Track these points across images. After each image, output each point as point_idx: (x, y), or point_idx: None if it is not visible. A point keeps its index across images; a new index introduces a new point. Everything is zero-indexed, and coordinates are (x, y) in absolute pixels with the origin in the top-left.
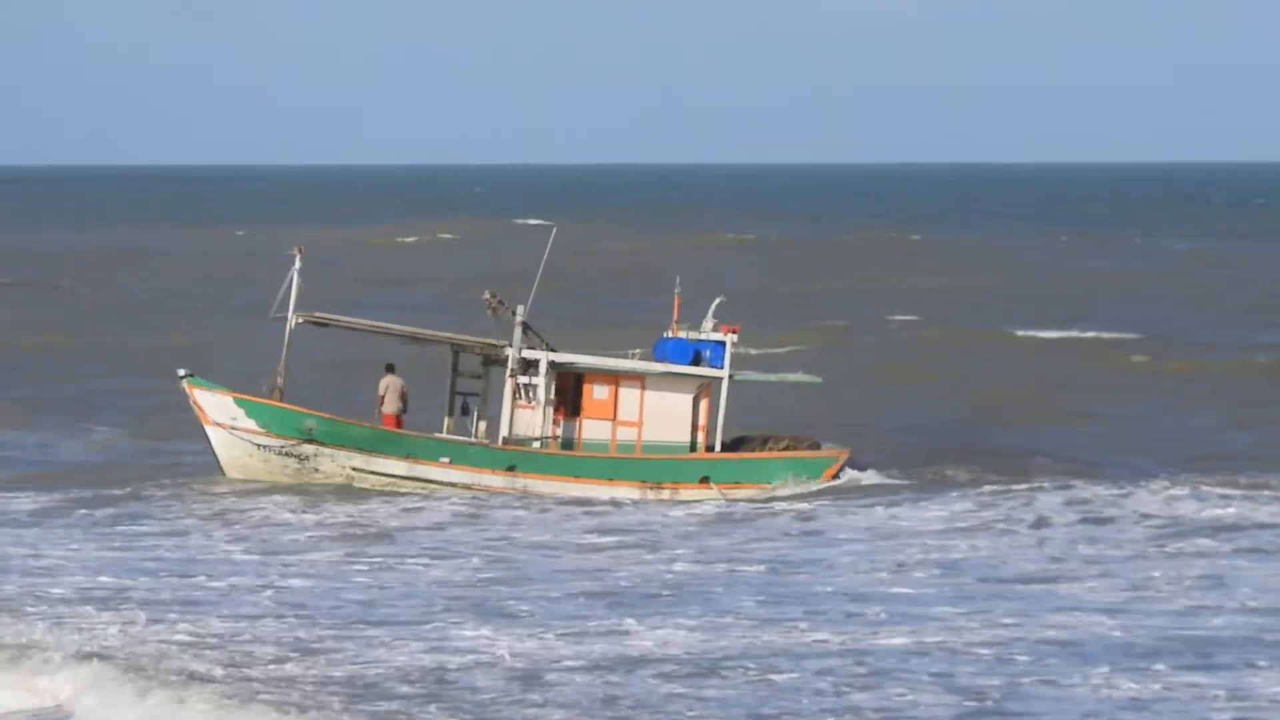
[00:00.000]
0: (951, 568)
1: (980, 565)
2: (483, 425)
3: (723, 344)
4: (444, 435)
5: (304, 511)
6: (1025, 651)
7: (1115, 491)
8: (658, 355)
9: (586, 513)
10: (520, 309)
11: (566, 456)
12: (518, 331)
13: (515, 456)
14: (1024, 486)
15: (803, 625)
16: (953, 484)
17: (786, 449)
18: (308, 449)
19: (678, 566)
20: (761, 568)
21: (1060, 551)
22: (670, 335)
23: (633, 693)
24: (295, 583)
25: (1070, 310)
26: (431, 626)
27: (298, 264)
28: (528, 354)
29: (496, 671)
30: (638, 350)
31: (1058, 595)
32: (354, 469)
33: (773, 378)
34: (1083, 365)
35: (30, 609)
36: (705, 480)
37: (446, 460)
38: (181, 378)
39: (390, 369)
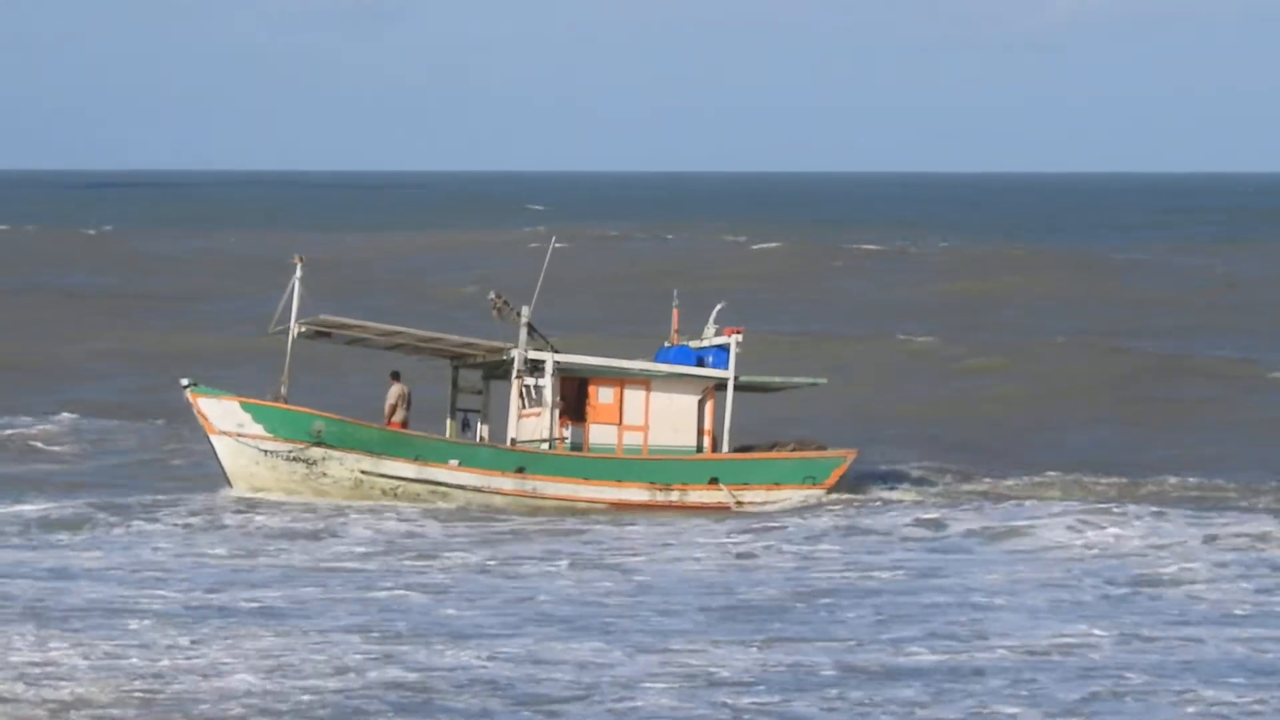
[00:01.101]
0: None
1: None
2: (485, 429)
3: (726, 347)
4: (453, 438)
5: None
6: None
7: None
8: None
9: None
10: (525, 309)
11: (576, 458)
12: (523, 332)
13: (524, 458)
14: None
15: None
16: None
17: (794, 452)
18: (316, 452)
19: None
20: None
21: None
22: (670, 344)
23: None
24: None
25: None
26: None
27: (299, 273)
28: (533, 355)
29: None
30: (640, 360)
31: None
32: (363, 472)
33: (778, 380)
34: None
35: None
36: (714, 481)
37: (455, 462)
38: (185, 387)
39: (396, 376)
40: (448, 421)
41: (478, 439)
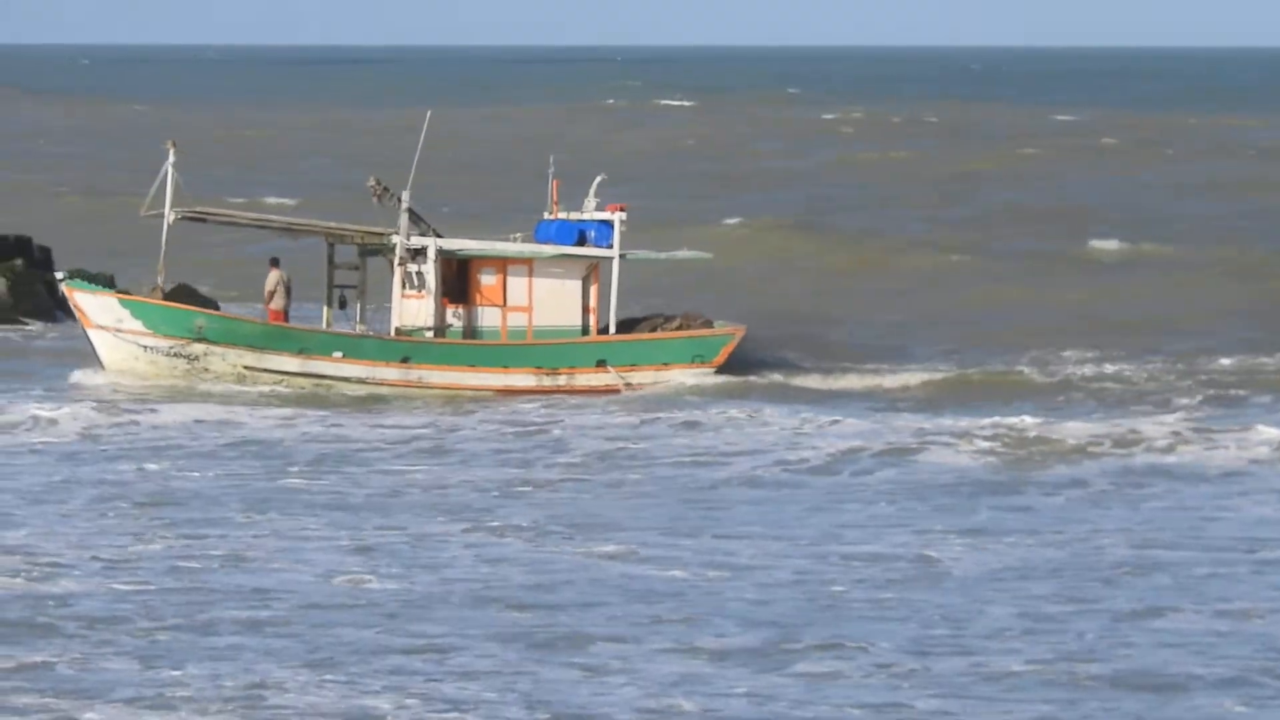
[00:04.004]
0: None
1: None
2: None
3: (610, 223)
4: (336, 329)
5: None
6: None
7: None
8: (540, 239)
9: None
10: (405, 194)
11: (461, 345)
12: (404, 218)
13: (409, 348)
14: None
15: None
16: None
17: (680, 330)
18: (197, 348)
19: None
20: None
21: None
22: (550, 217)
23: None
24: None
25: None
26: None
27: (171, 158)
28: (415, 241)
29: None
30: (519, 235)
31: None
32: (245, 367)
33: (663, 256)
34: None
35: None
36: (602, 364)
37: (340, 355)
38: (61, 280)
39: (275, 263)
40: (324, 302)
41: (355, 318)
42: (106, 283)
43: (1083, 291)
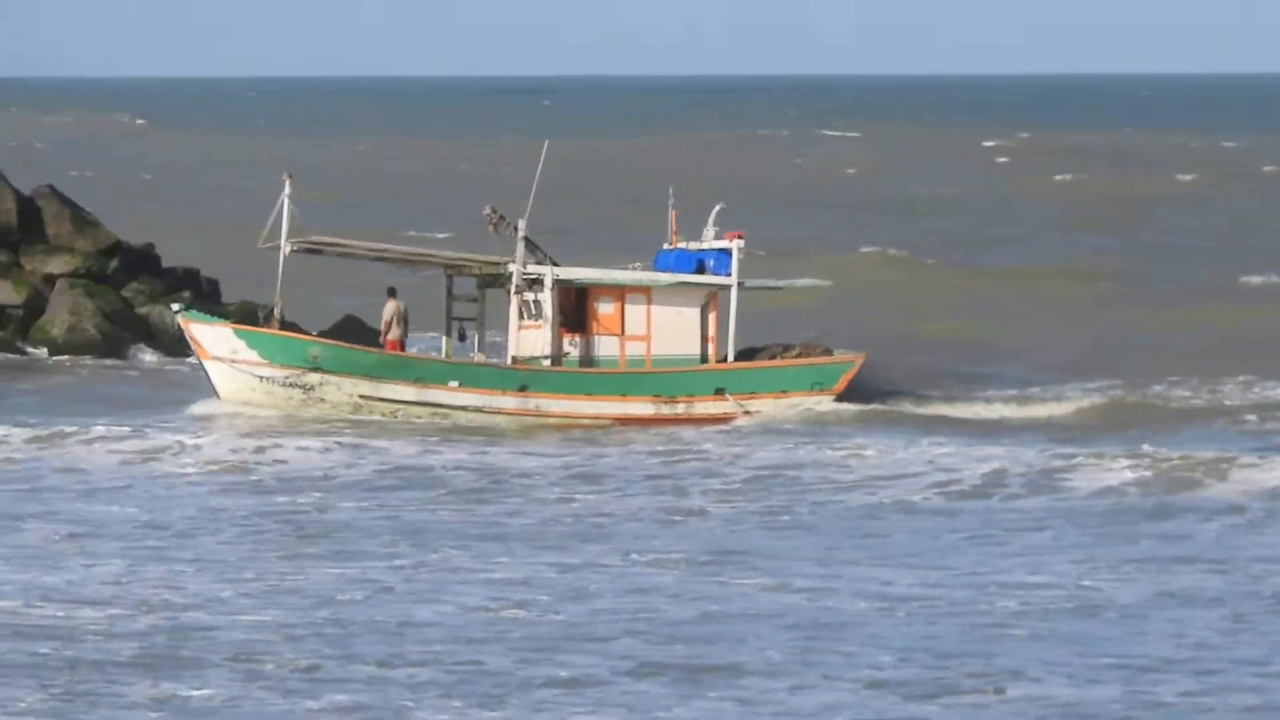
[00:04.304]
0: None
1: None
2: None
3: (728, 251)
4: (453, 358)
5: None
6: None
7: None
8: (659, 268)
9: None
10: (521, 223)
11: (579, 374)
12: (520, 246)
13: (526, 376)
14: None
15: None
16: None
17: (799, 358)
18: (313, 378)
19: None
20: None
21: None
22: (669, 247)
23: None
24: None
25: None
26: None
27: (287, 189)
28: (532, 269)
29: None
30: (638, 264)
31: None
32: (361, 396)
33: (781, 284)
34: None
35: None
36: (721, 392)
37: (456, 383)
38: (176, 312)
39: (392, 293)
40: (443, 338)
41: (475, 350)
42: (268, 315)
43: (1235, 318)
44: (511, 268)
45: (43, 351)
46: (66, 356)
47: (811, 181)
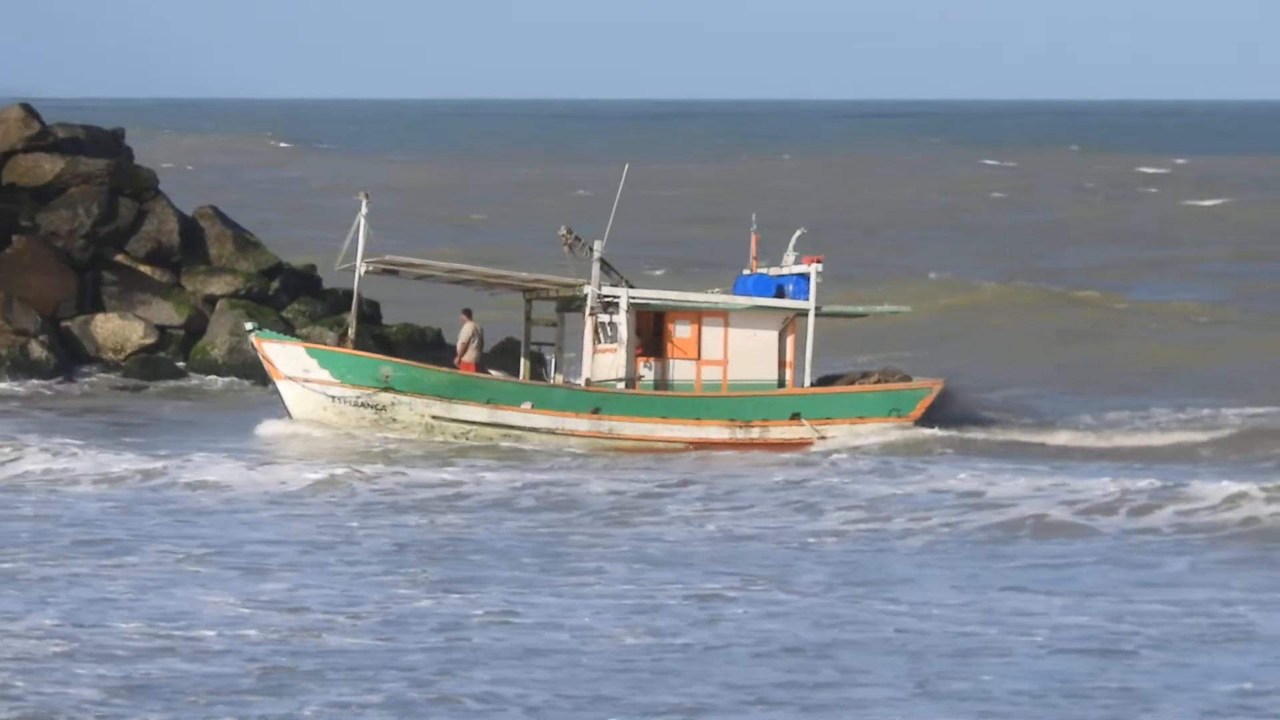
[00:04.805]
0: None
1: None
2: (559, 361)
3: (806, 276)
4: (526, 380)
5: None
6: None
7: None
8: (739, 293)
9: None
10: (597, 244)
11: (653, 397)
12: (596, 268)
13: (600, 398)
14: None
15: None
16: None
17: (877, 384)
18: (384, 398)
19: None
20: None
21: None
22: (750, 272)
23: None
24: None
25: None
26: None
27: (364, 210)
28: (607, 292)
29: None
30: (718, 289)
31: None
32: (434, 417)
33: (860, 309)
34: None
35: None
36: (796, 417)
37: (529, 405)
38: (249, 331)
39: (468, 314)
40: (522, 361)
41: (552, 373)
42: (342, 335)
43: None
44: (587, 290)
45: (203, 374)
46: (231, 378)
47: (958, 205)
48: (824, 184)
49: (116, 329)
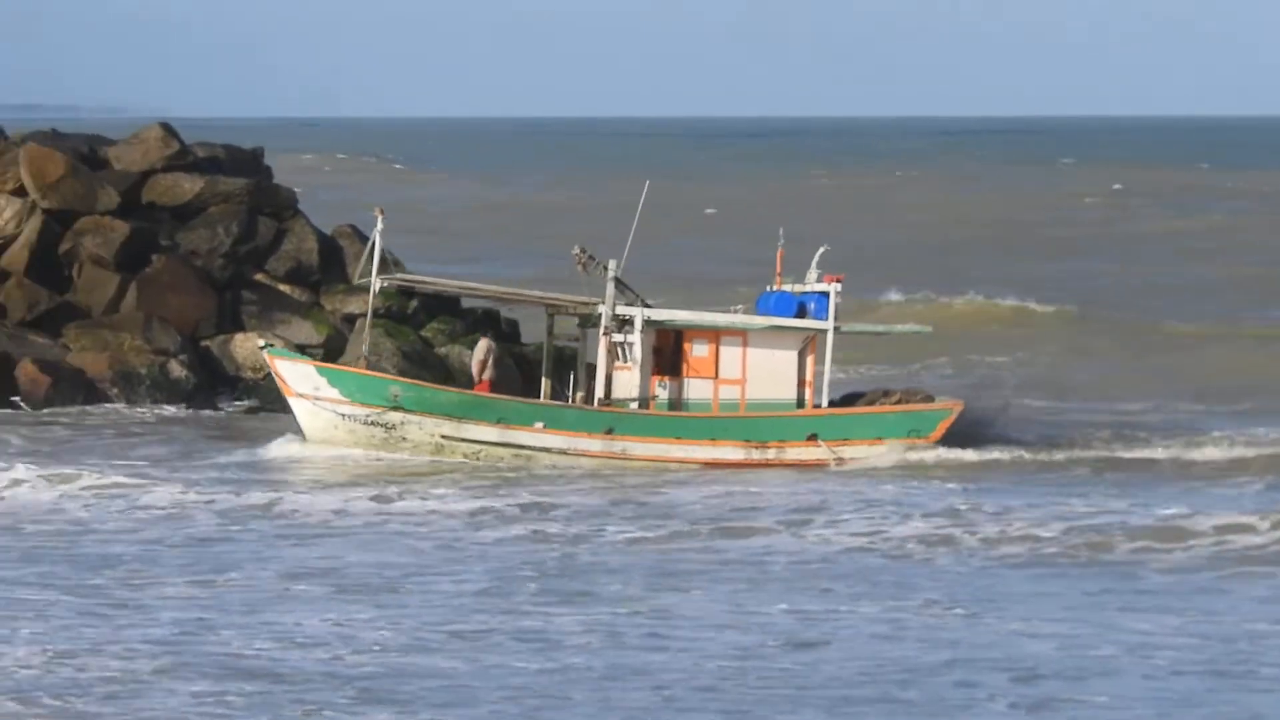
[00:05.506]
0: None
1: None
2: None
3: (826, 295)
4: (538, 400)
5: None
6: None
7: None
8: (761, 310)
9: None
10: (613, 264)
11: (667, 417)
12: (610, 287)
13: (613, 418)
14: None
15: None
16: None
17: (898, 404)
18: (394, 417)
19: None
20: None
21: None
22: (773, 289)
23: None
24: None
25: None
26: None
27: (379, 225)
28: (622, 310)
29: None
30: (740, 306)
31: None
32: (443, 436)
33: (879, 328)
34: None
35: None
36: (813, 437)
37: (540, 425)
38: (262, 348)
39: (485, 333)
40: (543, 379)
41: (572, 389)
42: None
43: None
44: (601, 309)
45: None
46: None
47: (989, 222)
48: (922, 197)
49: (256, 348)
